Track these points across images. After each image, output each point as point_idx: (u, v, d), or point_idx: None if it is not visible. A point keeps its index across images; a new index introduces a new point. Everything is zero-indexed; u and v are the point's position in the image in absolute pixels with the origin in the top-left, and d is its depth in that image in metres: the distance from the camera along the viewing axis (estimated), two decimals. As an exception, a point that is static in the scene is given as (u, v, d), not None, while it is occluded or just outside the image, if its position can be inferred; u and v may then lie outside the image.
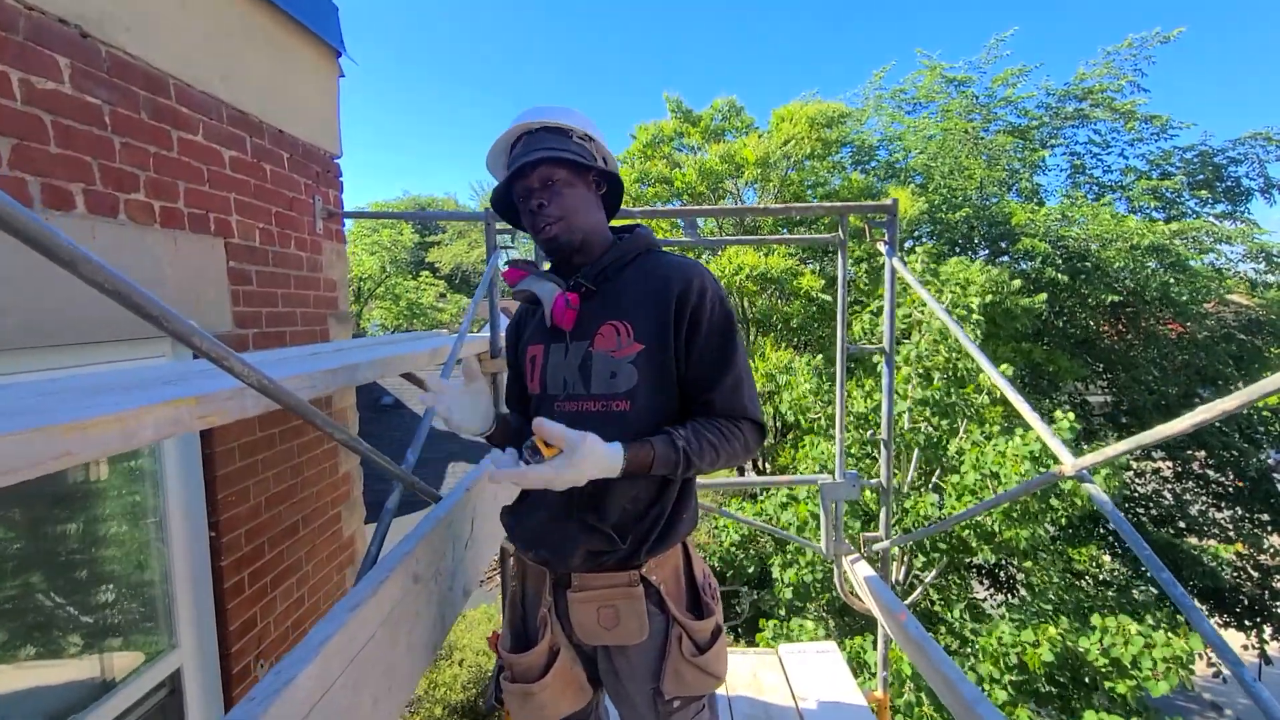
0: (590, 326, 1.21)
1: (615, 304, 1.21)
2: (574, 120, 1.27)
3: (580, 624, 1.21)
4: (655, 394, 1.18)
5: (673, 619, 1.21)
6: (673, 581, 1.24)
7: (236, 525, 2.25)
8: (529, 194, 1.21)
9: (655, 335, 1.17)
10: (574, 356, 1.21)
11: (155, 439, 0.87)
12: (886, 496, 2.82)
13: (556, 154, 1.18)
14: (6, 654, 1.59)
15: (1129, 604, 6.66)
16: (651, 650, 1.21)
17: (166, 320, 0.74)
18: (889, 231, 2.66)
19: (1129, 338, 11.56)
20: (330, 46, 2.94)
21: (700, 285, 1.18)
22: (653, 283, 1.20)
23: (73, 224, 1.61)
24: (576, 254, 1.25)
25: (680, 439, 1.12)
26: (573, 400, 1.21)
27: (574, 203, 1.22)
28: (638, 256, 1.26)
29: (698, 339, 1.17)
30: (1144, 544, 1.30)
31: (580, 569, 1.20)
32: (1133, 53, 11.30)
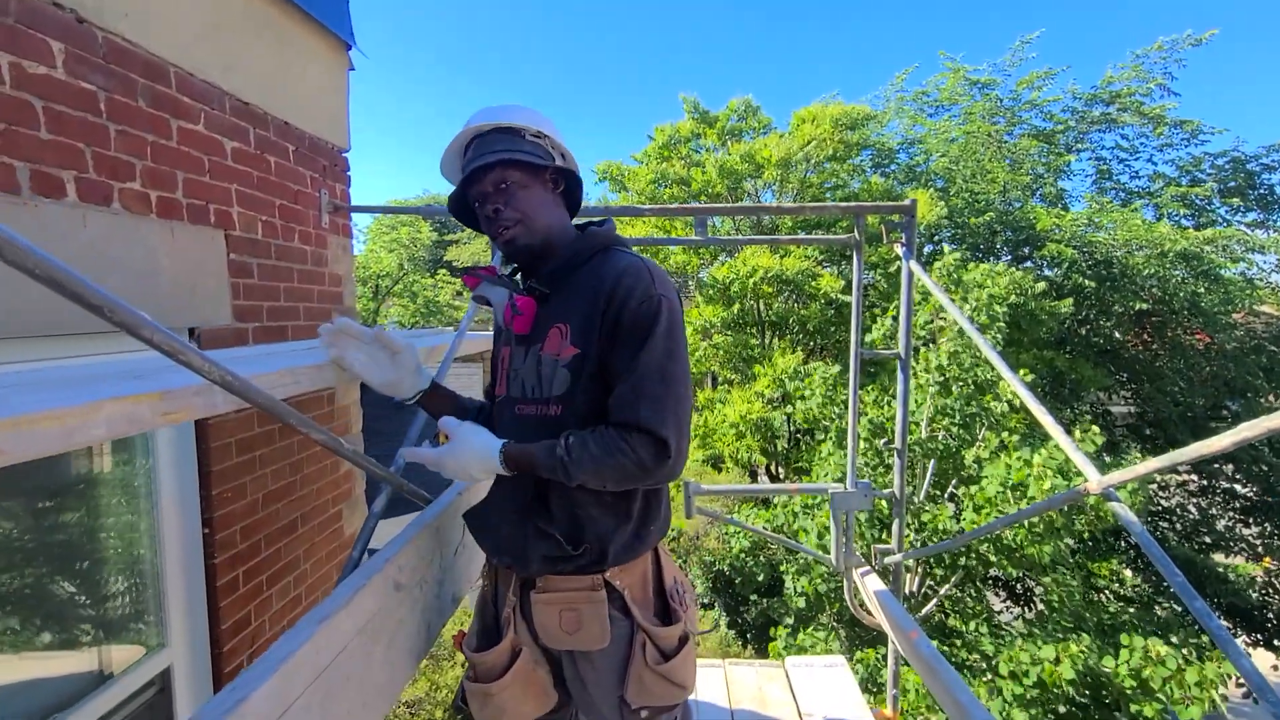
0: (542, 329, 1.19)
1: (562, 306, 1.18)
2: (524, 118, 1.23)
3: (543, 626, 1.18)
4: (587, 398, 1.13)
5: (636, 625, 1.18)
6: (639, 587, 1.21)
7: (232, 522, 2.21)
8: (484, 199, 1.19)
9: (586, 336, 1.13)
10: (532, 359, 1.20)
11: (109, 436, 0.81)
12: (900, 508, 2.72)
13: (508, 156, 1.15)
14: (-12, 650, 1.56)
15: (1151, 621, 6.46)
16: (616, 657, 1.18)
17: (111, 310, 0.68)
18: (907, 233, 2.57)
19: (1154, 347, 11.28)
20: (339, 39, 2.90)
21: (629, 283, 1.10)
22: (591, 285, 1.15)
23: (63, 212, 1.58)
24: (538, 257, 1.22)
25: (561, 449, 1.08)
26: (529, 403, 1.20)
27: (530, 204, 1.18)
28: (593, 255, 1.21)
29: (616, 337, 1.10)
30: (1176, 571, 1.21)
31: (542, 572, 1.18)
32: (1163, 55, 11.03)
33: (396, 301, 24.01)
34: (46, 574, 1.73)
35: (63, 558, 1.78)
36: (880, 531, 6.12)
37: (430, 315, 23.24)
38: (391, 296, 24.14)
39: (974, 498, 5.62)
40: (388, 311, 24.33)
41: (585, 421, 1.13)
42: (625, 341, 1.09)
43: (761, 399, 8.80)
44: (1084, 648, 4.87)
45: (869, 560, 2.75)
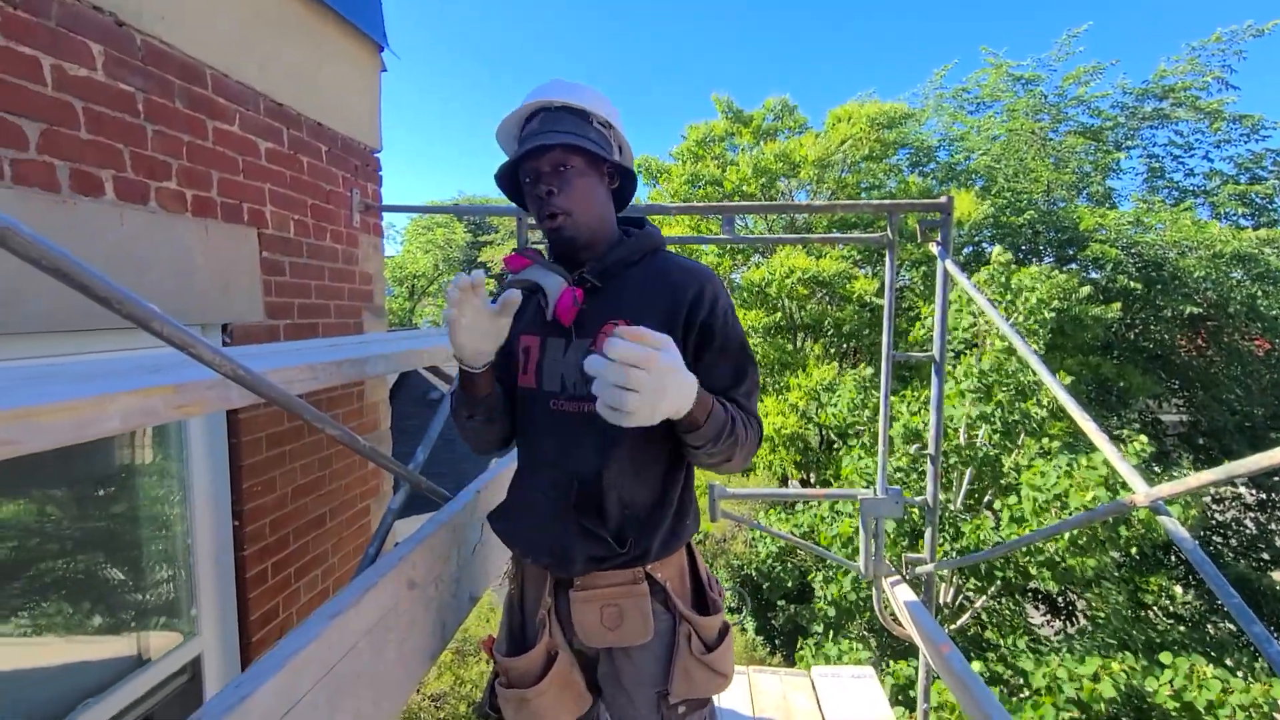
0: (593, 325, 1.14)
1: (620, 303, 1.14)
2: (596, 104, 1.19)
3: (582, 625, 1.15)
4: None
5: (680, 616, 1.17)
6: (678, 579, 1.21)
7: (261, 515, 2.25)
8: (538, 177, 1.14)
9: None
10: (575, 355, 1.14)
11: (124, 429, 0.82)
12: (933, 515, 2.63)
13: (574, 140, 1.10)
14: (26, 633, 1.61)
15: (1203, 641, 6.15)
16: (658, 651, 1.17)
17: (119, 303, 0.68)
18: (943, 232, 2.48)
19: (1209, 353, 10.76)
20: (372, 40, 2.94)
21: (712, 294, 1.13)
22: (661, 285, 1.14)
23: (101, 210, 1.62)
24: (581, 248, 1.18)
25: (732, 411, 1.06)
26: (573, 400, 1.14)
27: (585, 194, 1.15)
28: (645, 256, 1.20)
29: (711, 346, 1.12)
30: (1232, 591, 1.12)
31: (585, 572, 1.15)
32: (1221, 47, 10.53)
33: (431, 301, 24.44)
34: (84, 561, 1.79)
35: (99, 546, 1.83)
36: (911, 540, 5.96)
37: (464, 315, 23.59)
38: (427, 296, 24.59)
39: (1012, 509, 5.42)
40: (423, 311, 24.80)
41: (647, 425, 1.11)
42: (724, 352, 1.13)
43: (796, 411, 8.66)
44: (1127, 666, 4.65)
45: (900, 569, 2.67)
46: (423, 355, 1.84)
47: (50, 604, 1.69)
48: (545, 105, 1.18)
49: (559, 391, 1.15)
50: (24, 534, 1.63)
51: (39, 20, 1.46)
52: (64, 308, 1.50)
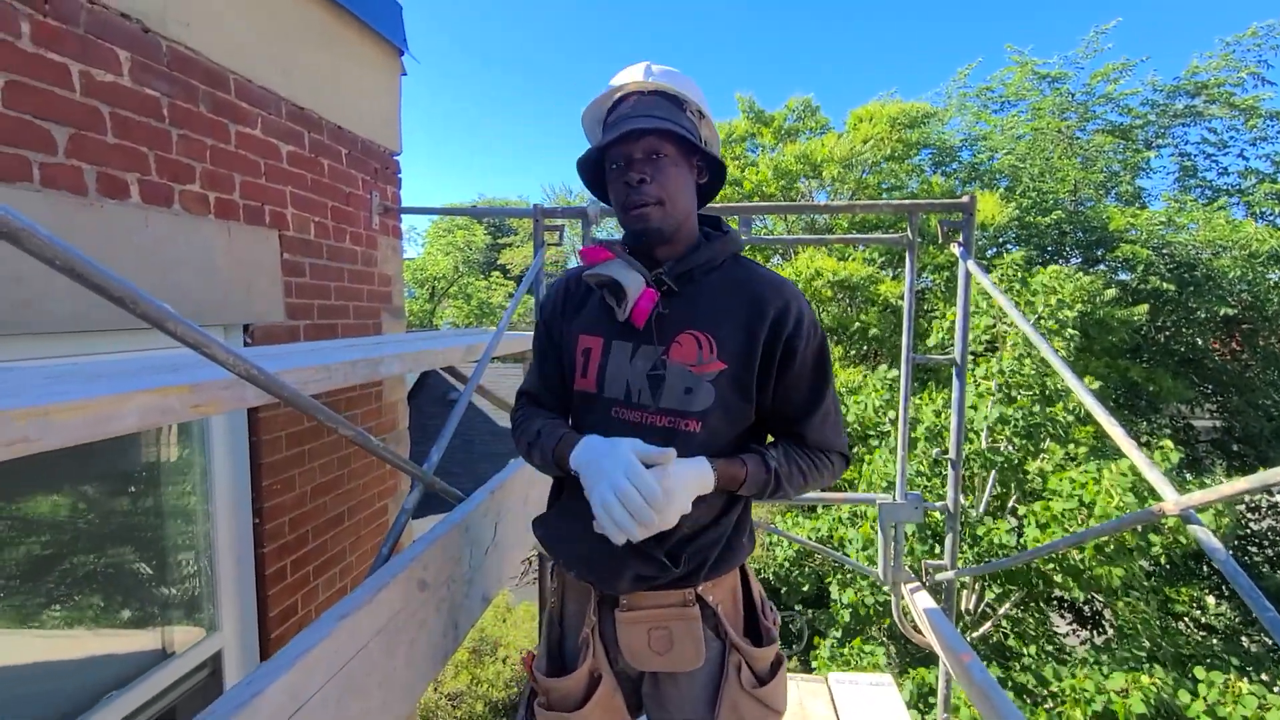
0: (667, 332, 1.07)
1: (698, 311, 1.08)
2: (692, 91, 1.12)
3: (629, 647, 1.10)
4: (728, 417, 1.07)
5: (730, 645, 1.11)
6: (730, 603, 1.14)
7: (281, 513, 2.28)
8: (628, 164, 1.05)
9: (741, 356, 1.06)
10: (643, 361, 1.07)
11: (140, 427, 0.83)
12: (954, 521, 2.58)
13: (671, 126, 1.02)
14: (53, 626, 1.65)
15: (1238, 655, 5.96)
16: (705, 679, 1.10)
17: (134, 303, 0.69)
18: (965, 233, 2.43)
19: (1243, 356, 10.45)
20: (392, 45, 2.97)
21: (798, 311, 1.08)
22: (743, 297, 1.08)
23: (127, 212, 1.66)
24: (662, 244, 1.10)
25: (773, 460, 1.06)
26: (635, 410, 1.08)
27: (676, 185, 1.07)
28: (725, 261, 1.13)
29: (791, 369, 1.08)
30: (1268, 604, 1.08)
31: (629, 590, 1.09)
32: (1257, 42, 10.24)
33: (451, 303, 24.69)
34: (109, 557, 1.82)
35: (125, 542, 1.87)
36: (931, 546, 5.87)
37: (483, 316, 23.80)
38: (447, 298, 24.83)
39: (1037, 514, 5.30)
40: (443, 312, 25.05)
41: (719, 438, 1.07)
42: (806, 370, 1.09)
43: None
44: (1157, 680, 4.51)
45: (919, 576, 2.62)
46: (438, 356, 1.85)
47: (76, 598, 1.72)
48: (637, 88, 1.11)
49: (622, 399, 1.08)
50: (51, 529, 1.67)
51: (68, 27, 1.49)
52: (85, 309, 1.54)
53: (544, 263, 2.57)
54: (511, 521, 1.71)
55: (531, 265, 2.43)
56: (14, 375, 0.95)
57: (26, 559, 1.60)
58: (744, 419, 1.09)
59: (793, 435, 1.12)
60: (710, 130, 1.17)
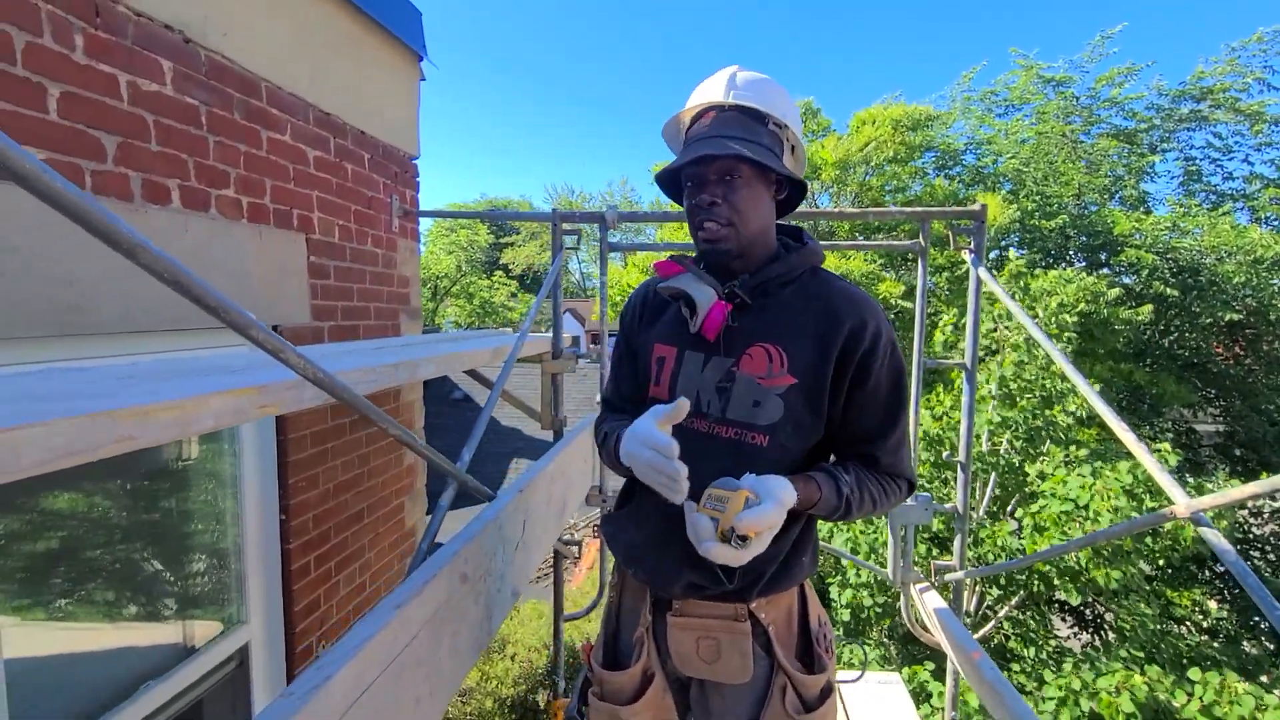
0: (738, 344, 1.08)
1: (770, 324, 1.08)
2: (774, 103, 1.10)
3: (678, 652, 1.12)
4: (797, 432, 1.06)
5: (778, 666, 1.10)
6: (783, 624, 1.13)
7: (305, 510, 2.34)
8: (702, 184, 1.07)
9: (812, 371, 1.05)
10: (714, 372, 1.09)
11: (216, 426, 0.88)
12: (962, 523, 2.63)
13: (743, 150, 1.02)
14: (92, 618, 1.70)
15: (1238, 657, 6.00)
16: (751, 695, 1.10)
17: (224, 311, 0.74)
18: (976, 239, 2.48)
19: (1247, 361, 10.48)
20: (412, 51, 3.03)
21: (875, 327, 1.06)
22: (818, 311, 1.07)
23: (168, 217, 1.71)
24: (736, 259, 1.11)
25: (846, 485, 1.03)
26: (704, 419, 1.09)
27: (749, 205, 1.07)
28: (802, 274, 1.13)
29: (865, 387, 1.06)
30: (1276, 604, 1.13)
31: (683, 596, 1.11)
32: (1263, 48, 10.27)
33: (454, 302, 24.75)
34: (142, 552, 1.88)
35: (159, 538, 1.92)
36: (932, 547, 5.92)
37: (486, 315, 23.86)
38: (449, 297, 24.90)
39: (1035, 517, 5.36)
40: (445, 311, 25.11)
41: (787, 454, 1.07)
42: (881, 390, 1.07)
43: None
44: (1150, 680, 4.56)
45: (928, 576, 2.67)
46: (466, 358, 1.91)
47: (110, 591, 1.78)
48: (717, 105, 1.10)
49: (692, 409, 1.08)
50: (89, 526, 1.73)
51: (117, 39, 1.55)
52: (129, 311, 1.59)
53: (562, 266, 2.62)
54: (537, 520, 1.77)
55: (550, 269, 2.49)
56: (86, 376, 1.00)
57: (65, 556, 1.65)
58: (813, 435, 1.08)
59: (865, 457, 1.10)
60: (794, 138, 1.14)
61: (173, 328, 1.78)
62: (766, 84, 1.12)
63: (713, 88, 1.12)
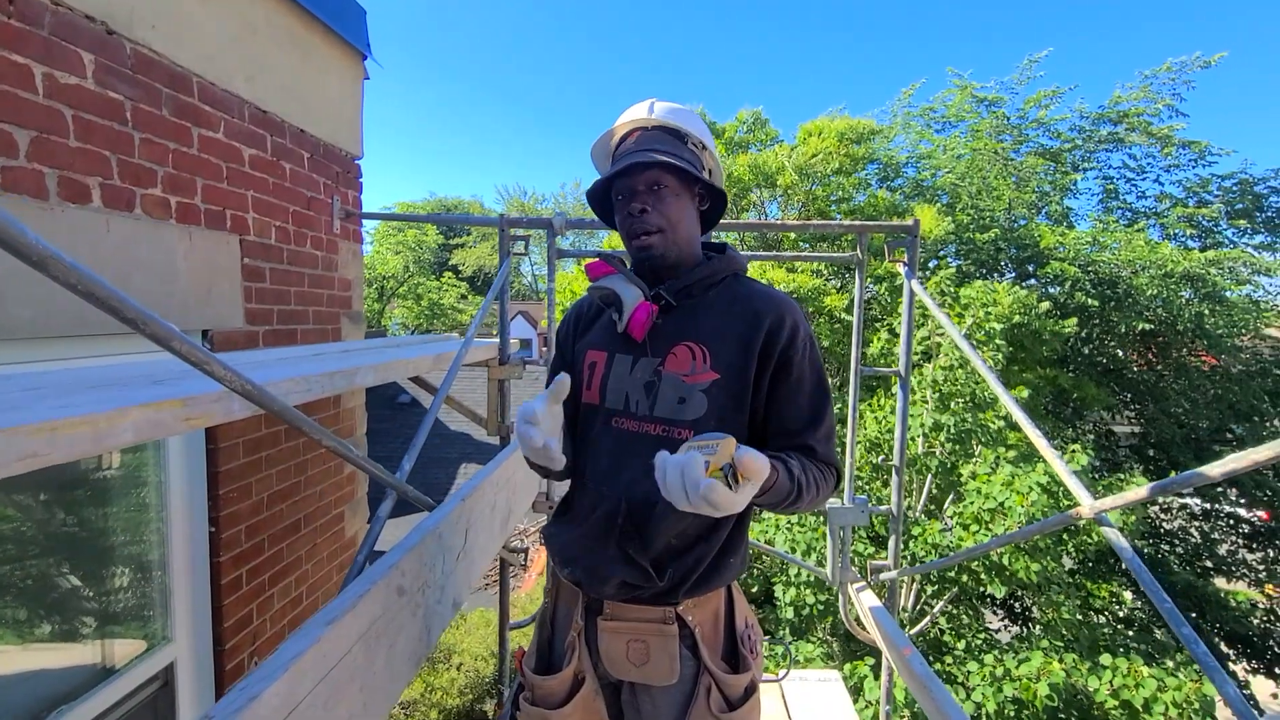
0: (664, 344, 1.13)
1: (694, 325, 1.13)
2: (693, 125, 1.19)
3: (608, 655, 1.15)
4: (721, 427, 1.08)
5: (704, 667, 1.13)
6: (710, 626, 1.16)
7: (237, 521, 2.25)
8: (632, 195, 1.13)
9: (735, 367, 1.09)
10: (642, 372, 1.13)
11: (134, 441, 0.85)
12: (897, 524, 2.74)
13: (670, 159, 1.09)
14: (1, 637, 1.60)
15: (1150, 644, 6.43)
16: (678, 696, 1.13)
17: (143, 323, 0.72)
18: (909, 252, 2.60)
19: (1159, 368, 11.25)
20: (356, 49, 2.96)
21: (793, 323, 1.11)
22: (739, 311, 1.13)
23: (88, 216, 1.63)
24: (667, 268, 1.17)
25: (796, 469, 1.02)
26: (632, 419, 1.13)
27: (677, 214, 1.14)
28: (725, 279, 1.19)
29: (789, 380, 1.10)
30: (1165, 596, 1.23)
31: (613, 598, 1.13)
32: (1171, 76, 11.06)
33: (401, 303, 24.13)
34: (55, 567, 1.77)
35: (72, 551, 1.82)
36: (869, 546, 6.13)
37: (435, 318, 23.34)
38: (396, 298, 24.27)
39: (961, 516, 5.64)
40: (392, 313, 24.45)
41: None
42: (804, 381, 1.11)
43: None
44: (1067, 666, 4.86)
45: (864, 575, 2.77)
46: (409, 365, 1.88)
47: (21, 610, 1.67)
48: (641, 125, 1.18)
49: (621, 410, 1.13)
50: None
51: (32, 29, 1.47)
52: (43, 315, 1.51)
53: (510, 271, 2.61)
54: (480, 529, 1.75)
55: (498, 275, 2.47)
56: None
57: (-27, 571, 1.55)
58: (738, 431, 1.10)
59: (801, 448, 1.12)
60: (712, 160, 1.23)
61: (99, 332, 1.70)
62: (686, 111, 1.21)
63: (636, 111, 1.20)
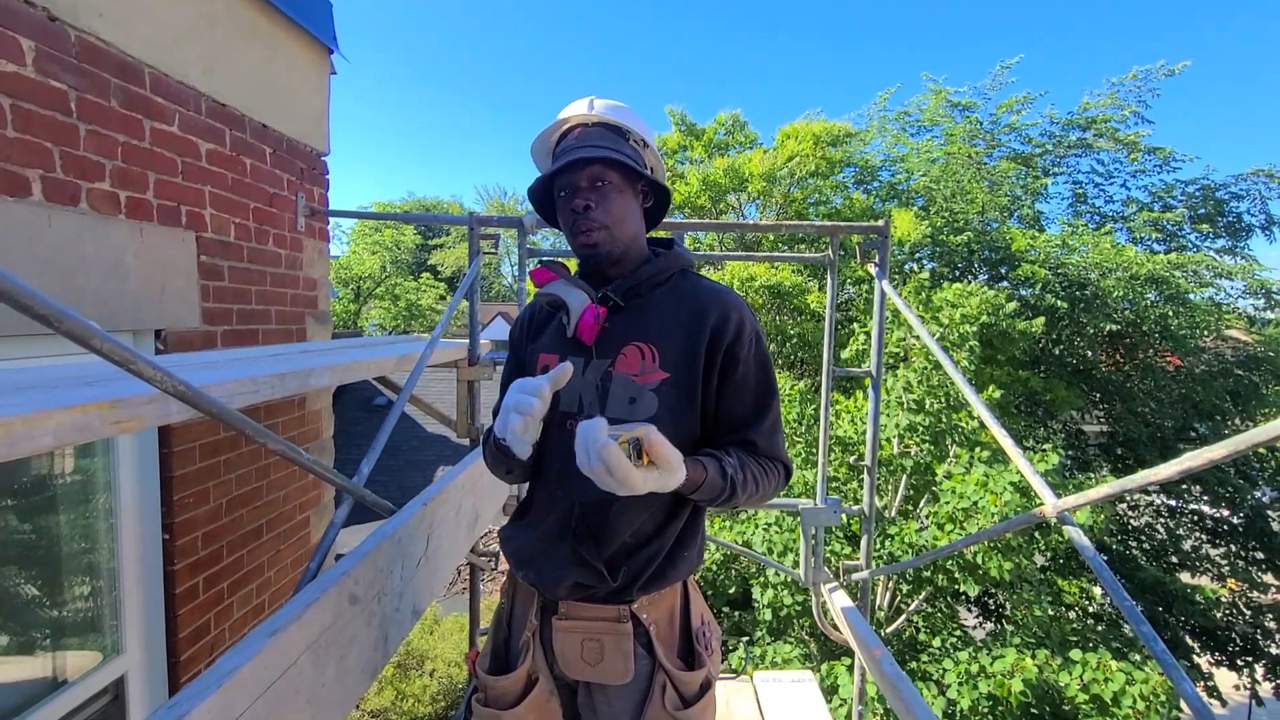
0: (613, 345, 1.12)
1: (643, 324, 1.13)
2: (634, 123, 1.18)
3: (563, 655, 1.13)
4: (673, 425, 1.08)
5: (659, 665, 1.12)
6: (665, 624, 1.15)
7: (193, 528, 2.18)
8: (574, 192, 1.11)
9: (684, 364, 1.09)
10: (593, 374, 1.12)
11: (56, 445, 0.80)
12: (869, 525, 2.75)
13: (613, 155, 1.08)
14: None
15: (1119, 639, 6.56)
16: (634, 695, 1.12)
17: (58, 320, 0.68)
18: (880, 253, 2.61)
19: (1126, 368, 11.51)
20: (321, 43, 2.89)
21: (739, 319, 1.11)
22: (686, 308, 1.13)
23: (27, 211, 1.56)
24: (612, 265, 1.16)
25: (730, 467, 1.04)
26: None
27: (621, 210, 1.12)
28: (672, 276, 1.18)
29: (734, 375, 1.11)
30: (1125, 595, 1.24)
31: (568, 597, 1.12)
32: (1137, 84, 11.34)
33: (378, 304, 23.80)
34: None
35: (15, 559, 1.74)
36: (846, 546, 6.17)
37: (412, 319, 23.05)
38: (373, 299, 23.93)
39: (936, 516, 5.70)
40: (368, 314, 24.11)
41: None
42: (750, 377, 1.11)
43: None
44: (1039, 662, 4.94)
45: (837, 576, 2.77)
46: (370, 366, 1.83)
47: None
48: (581, 121, 1.16)
49: (575, 412, 1.12)
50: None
51: (-36, 13, 1.40)
52: None
53: (480, 270, 2.56)
54: (444, 533, 1.71)
55: (467, 274, 2.43)
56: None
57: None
58: (691, 428, 1.11)
59: (745, 444, 1.12)
60: (654, 158, 1.22)
61: (35, 332, 1.62)
62: (626, 108, 1.20)
63: (577, 107, 1.18)
